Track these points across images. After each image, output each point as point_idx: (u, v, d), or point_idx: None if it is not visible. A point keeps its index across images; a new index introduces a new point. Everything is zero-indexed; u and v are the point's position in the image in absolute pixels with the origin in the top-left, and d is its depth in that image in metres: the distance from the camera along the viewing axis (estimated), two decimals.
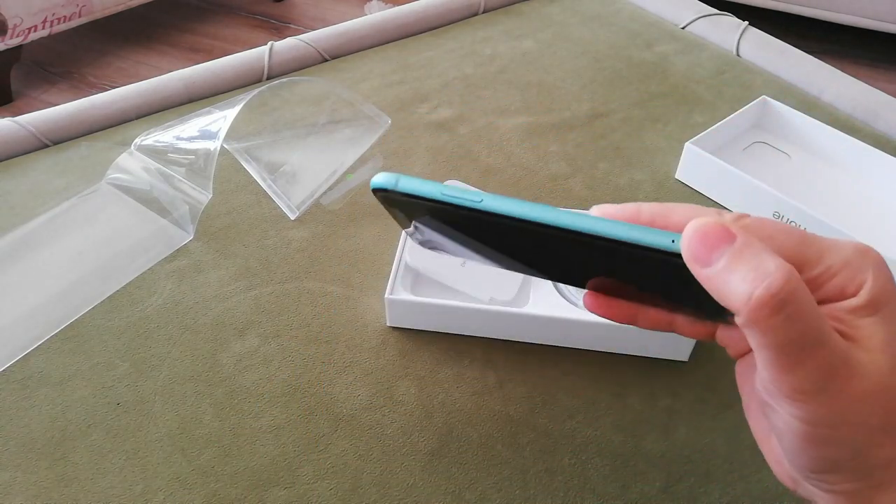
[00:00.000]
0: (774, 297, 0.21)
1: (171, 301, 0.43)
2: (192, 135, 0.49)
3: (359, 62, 0.64)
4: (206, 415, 0.38)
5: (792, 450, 0.24)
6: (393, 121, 0.56)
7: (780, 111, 0.55)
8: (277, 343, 0.41)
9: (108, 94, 0.58)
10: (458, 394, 0.39)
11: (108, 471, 0.35)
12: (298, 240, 0.47)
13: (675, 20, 0.72)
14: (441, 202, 0.28)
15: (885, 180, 0.51)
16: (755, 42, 0.67)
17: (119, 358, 0.40)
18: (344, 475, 0.35)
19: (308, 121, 0.57)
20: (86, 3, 1.77)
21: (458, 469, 0.36)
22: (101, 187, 0.50)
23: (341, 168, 0.52)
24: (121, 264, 0.45)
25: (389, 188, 0.28)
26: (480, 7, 0.72)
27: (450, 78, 0.62)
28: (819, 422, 0.23)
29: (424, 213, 0.29)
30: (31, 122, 0.54)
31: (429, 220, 0.30)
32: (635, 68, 0.64)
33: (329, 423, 0.37)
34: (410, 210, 0.29)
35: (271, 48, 0.63)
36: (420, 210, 0.29)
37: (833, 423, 0.23)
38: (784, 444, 0.24)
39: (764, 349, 0.22)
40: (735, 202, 0.50)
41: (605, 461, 0.36)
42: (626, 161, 0.54)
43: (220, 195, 0.50)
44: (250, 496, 0.34)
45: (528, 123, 0.58)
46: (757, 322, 0.21)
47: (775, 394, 0.23)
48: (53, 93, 1.84)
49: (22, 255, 0.45)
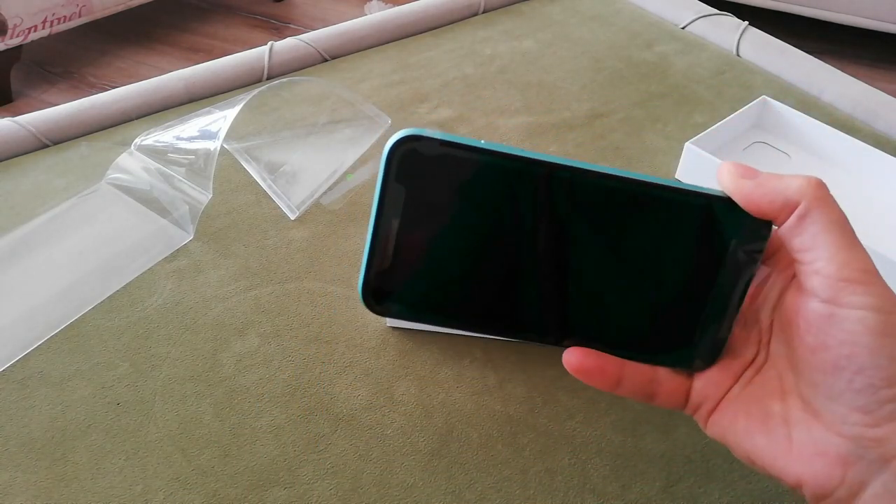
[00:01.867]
0: (824, 183, 0.27)
1: (171, 301, 0.43)
2: (192, 135, 0.49)
3: (359, 62, 0.64)
4: (206, 415, 0.38)
5: (868, 355, 0.25)
6: (393, 121, 0.56)
7: (780, 111, 0.55)
8: (277, 343, 0.41)
9: (108, 94, 0.58)
10: (458, 394, 0.39)
11: (108, 471, 0.35)
12: (298, 240, 0.47)
13: (675, 20, 0.72)
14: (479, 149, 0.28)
15: (885, 180, 0.51)
16: (755, 42, 0.67)
17: (119, 358, 0.40)
18: (344, 475, 0.35)
19: (308, 121, 0.57)
20: (86, 3, 1.77)
21: (458, 469, 0.36)
22: (101, 187, 0.50)
23: (341, 168, 0.52)
24: (121, 264, 0.45)
25: (424, 136, 0.27)
26: (480, 7, 0.72)
27: (450, 78, 0.62)
28: (886, 307, 0.25)
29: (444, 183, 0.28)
30: (31, 122, 0.54)
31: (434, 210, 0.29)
32: (635, 68, 0.64)
33: (329, 423, 0.37)
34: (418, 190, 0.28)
35: (271, 48, 0.63)
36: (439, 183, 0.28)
37: (893, 310, 0.25)
38: (855, 358, 0.25)
39: (832, 227, 0.26)
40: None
41: (605, 461, 0.36)
42: (626, 161, 0.54)
43: (220, 195, 0.50)
44: (250, 496, 0.34)
45: (528, 123, 0.58)
46: (823, 198, 0.26)
47: (844, 286, 0.25)
48: (53, 93, 1.84)
49: (22, 255, 0.45)
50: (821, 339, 0.26)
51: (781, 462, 0.27)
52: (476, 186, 0.28)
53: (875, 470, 0.25)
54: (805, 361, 0.27)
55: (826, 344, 0.25)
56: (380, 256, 0.29)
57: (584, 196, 0.28)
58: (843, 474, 0.25)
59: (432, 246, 0.29)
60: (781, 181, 0.27)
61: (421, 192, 0.28)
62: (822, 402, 0.26)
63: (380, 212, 0.28)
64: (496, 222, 0.29)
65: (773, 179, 0.27)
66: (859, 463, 0.25)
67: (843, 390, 0.25)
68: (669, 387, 0.30)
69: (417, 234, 0.29)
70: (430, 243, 0.29)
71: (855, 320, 0.25)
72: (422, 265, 0.29)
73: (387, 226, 0.28)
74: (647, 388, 0.30)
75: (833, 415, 0.26)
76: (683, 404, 0.30)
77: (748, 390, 0.29)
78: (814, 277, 0.26)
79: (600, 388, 0.29)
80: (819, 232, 0.26)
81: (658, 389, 0.30)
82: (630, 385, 0.29)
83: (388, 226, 0.28)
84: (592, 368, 0.29)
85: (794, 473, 0.26)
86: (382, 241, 0.29)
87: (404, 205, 0.28)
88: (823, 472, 0.26)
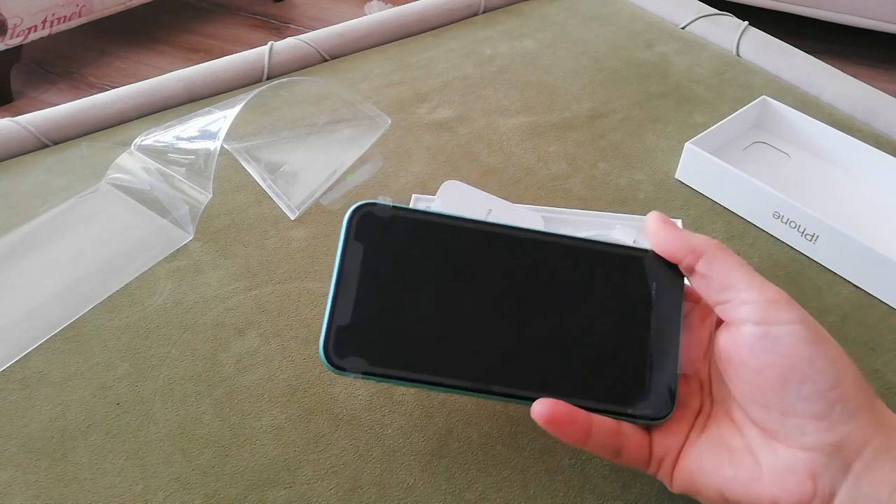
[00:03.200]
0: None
1: (171, 301, 0.43)
2: (192, 135, 0.49)
3: (359, 62, 0.64)
4: (206, 415, 0.38)
5: (808, 363, 0.27)
6: (393, 121, 0.56)
7: (780, 111, 0.55)
8: (277, 343, 0.41)
9: (108, 94, 0.58)
10: None
11: (108, 471, 0.35)
12: (298, 240, 0.47)
13: (675, 20, 0.72)
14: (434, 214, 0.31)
15: (885, 180, 0.51)
16: (755, 42, 0.67)
17: (119, 358, 0.40)
18: (344, 475, 0.35)
19: (308, 121, 0.57)
20: (86, 3, 1.77)
21: (458, 469, 0.36)
22: (101, 187, 0.50)
23: (341, 168, 0.52)
24: (120, 264, 0.45)
25: (378, 202, 0.31)
26: (480, 7, 0.72)
27: (450, 78, 0.62)
28: (808, 319, 0.28)
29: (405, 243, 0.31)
30: (31, 122, 0.54)
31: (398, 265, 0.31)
32: (635, 68, 0.64)
33: (329, 423, 0.37)
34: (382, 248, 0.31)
35: (271, 48, 0.63)
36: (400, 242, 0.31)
37: (814, 321, 0.28)
38: (798, 368, 0.27)
39: (738, 266, 0.29)
40: (735, 202, 0.50)
41: (605, 461, 0.36)
42: (626, 161, 0.54)
43: (220, 195, 0.50)
44: (250, 496, 0.34)
45: (528, 123, 0.58)
46: (722, 248, 0.30)
47: (770, 306, 0.28)
48: (53, 93, 1.84)
49: (22, 255, 0.45)
50: (763, 358, 0.27)
51: (755, 488, 0.28)
52: (426, 247, 0.31)
53: (839, 477, 0.26)
54: (753, 387, 0.28)
55: (769, 361, 0.27)
56: (340, 312, 0.30)
57: (522, 254, 0.31)
58: (814, 487, 0.26)
59: (389, 300, 0.31)
60: (689, 235, 0.31)
61: (377, 249, 0.31)
62: (778, 420, 0.27)
63: (341, 270, 0.31)
64: (444, 278, 0.31)
65: (684, 232, 0.31)
66: (826, 473, 0.26)
67: (794, 401, 0.27)
68: (634, 439, 0.30)
69: (376, 289, 0.31)
70: (388, 298, 0.31)
71: (789, 333, 0.27)
72: (379, 319, 0.31)
73: (347, 282, 0.31)
74: (614, 441, 0.30)
75: (791, 430, 0.27)
76: (648, 459, 0.30)
77: (707, 434, 0.30)
78: (741, 307, 0.28)
79: (570, 440, 0.29)
80: (730, 271, 0.29)
81: (624, 442, 0.30)
82: (598, 438, 0.30)
83: (349, 282, 0.31)
84: (563, 417, 0.29)
85: (769, 496, 0.27)
86: (343, 296, 0.31)
87: (363, 261, 0.31)
88: (797, 489, 0.27)
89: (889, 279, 0.44)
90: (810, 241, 0.46)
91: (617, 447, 0.30)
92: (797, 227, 0.47)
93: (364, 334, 0.30)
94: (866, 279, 0.45)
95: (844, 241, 0.44)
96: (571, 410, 0.29)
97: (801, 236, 0.47)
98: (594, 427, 0.29)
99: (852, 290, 0.45)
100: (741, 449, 0.29)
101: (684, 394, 0.32)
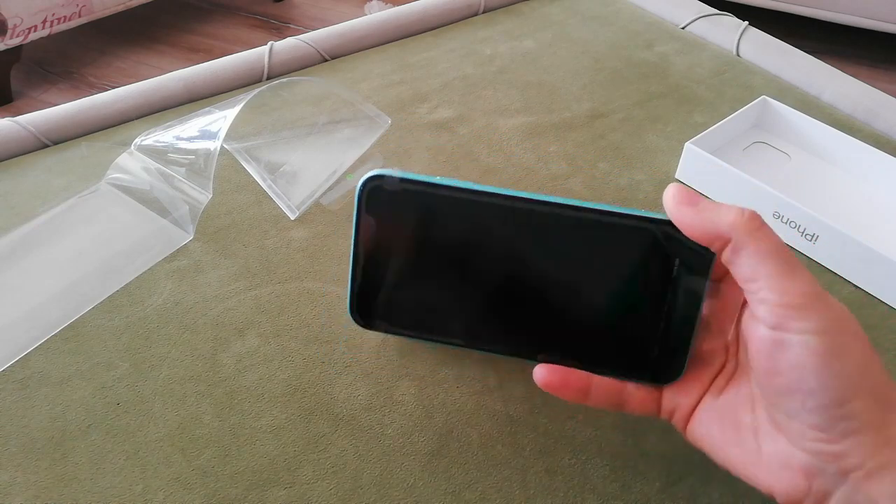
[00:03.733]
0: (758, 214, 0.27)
1: (171, 301, 0.43)
2: (192, 135, 0.49)
3: (359, 62, 0.64)
4: (206, 415, 0.38)
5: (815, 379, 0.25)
6: (393, 121, 0.56)
7: (780, 111, 0.55)
8: (277, 343, 0.41)
9: (108, 94, 0.58)
10: (458, 394, 0.39)
11: (108, 471, 0.35)
12: (298, 240, 0.47)
13: (675, 20, 0.72)
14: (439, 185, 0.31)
15: (885, 180, 0.51)
16: (755, 42, 0.67)
17: (119, 358, 0.40)
18: (344, 475, 0.35)
19: (308, 121, 0.57)
20: (86, 3, 1.77)
21: (458, 469, 0.36)
22: (101, 187, 0.50)
23: (341, 168, 0.52)
24: (120, 264, 0.45)
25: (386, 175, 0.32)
26: (480, 7, 0.72)
27: (450, 78, 0.62)
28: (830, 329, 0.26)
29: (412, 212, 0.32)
30: (31, 122, 0.54)
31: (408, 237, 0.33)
32: (635, 68, 0.64)
33: (329, 423, 0.37)
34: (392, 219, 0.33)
35: (271, 48, 0.63)
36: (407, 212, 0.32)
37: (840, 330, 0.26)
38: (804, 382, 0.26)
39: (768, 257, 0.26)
40: (735, 202, 0.50)
41: (605, 461, 0.36)
42: (626, 161, 0.54)
43: (220, 195, 0.50)
44: (250, 496, 0.34)
45: (528, 123, 0.58)
46: (755, 230, 0.27)
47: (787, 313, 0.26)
48: (53, 93, 1.84)
49: (22, 255, 0.45)
50: (771, 364, 0.27)
51: (753, 471, 0.28)
52: (435, 216, 0.32)
53: (836, 482, 0.26)
54: (763, 382, 0.28)
55: (777, 369, 0.27)
56: (360, 279, 0.34)
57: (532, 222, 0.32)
58: (808, 485, 0.27)
59: (403, 268, 0.33)
60: (717, 212, 0.28)
61: (388, 221, 0.33)
62: (782, 418, 0.27)
63: (356, 240, 0.33)
64: (456, 247, 0.32)
65: (710, 210, 0.28)
66: (822, 475, 0.26)
67: (798, 410, 0.26)
68: (639, 396, 0.32)
69: (389, 257, 0.33)
70: (401, 266, 0.33)
71: (800, 345, 0.26)
72: (396, 285, 0.34)
73: (363, 251, 0.33)
74: (616, 398, 0.32)
75: (793, 431, 0.27)
76: (656, 411, 0.32)
77: (721, 400, 0.30)
78: (759, 306, 0.27)
79: (570, 399, 0.31)
80: (756, 263, 0.27)
81: (627, 399, 0.32)
82: (598, 396, 0.31)
83: (364, 251, 0.33)
84: (557, 382, 0.31)
85: (765, 483, 0.28)
86: (361, 265, 0.34)
87: (375, 232, 0.33)
88: (791, 484, 0.27)
89: (889, 279, 0.44)
90: (810, 241, 0.46)
91: (619, 403, 0.32)
92: (797, 227, 0.47)
93: (382, 298, 0.34)
94: (866, 279, 0.45)
95: (844, 241, 0.44)
96: (564, 376, 0.31)
97: (801, 236, 0.47)
98: (593, 386, 0.31)
99: (852, 290, 0.45)
100: (748, 428, 0.29)
101: (707, 351, 0.31)
